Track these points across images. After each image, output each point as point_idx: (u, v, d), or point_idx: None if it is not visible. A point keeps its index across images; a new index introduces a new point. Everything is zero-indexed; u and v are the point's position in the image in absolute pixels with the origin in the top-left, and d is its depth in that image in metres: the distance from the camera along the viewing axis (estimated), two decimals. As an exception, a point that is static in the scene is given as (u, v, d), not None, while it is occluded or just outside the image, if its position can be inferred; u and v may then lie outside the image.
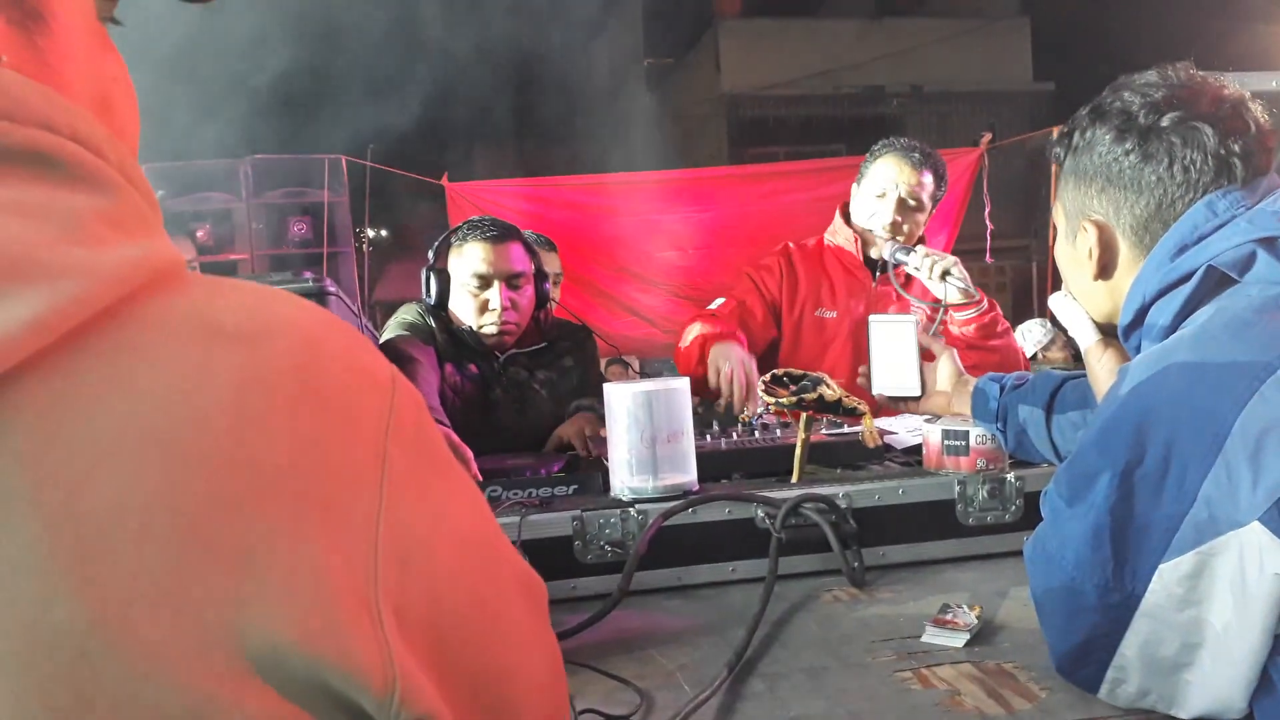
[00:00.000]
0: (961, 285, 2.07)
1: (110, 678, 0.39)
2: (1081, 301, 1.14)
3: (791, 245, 2.48)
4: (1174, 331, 0.94)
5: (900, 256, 2.18)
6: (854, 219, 2.41)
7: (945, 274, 2.07)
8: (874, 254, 2.37)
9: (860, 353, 2.33)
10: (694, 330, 2.20)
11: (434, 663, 0.47)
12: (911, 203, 2.32)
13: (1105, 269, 1.06)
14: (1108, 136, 1.05)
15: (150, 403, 0.42)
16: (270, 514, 0.42)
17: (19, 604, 0.38)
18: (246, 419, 0.43)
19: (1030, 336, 1.94)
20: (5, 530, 0.38)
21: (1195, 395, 0.82)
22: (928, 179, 2.33)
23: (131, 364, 0.42)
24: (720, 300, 2.37)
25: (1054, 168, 1.16)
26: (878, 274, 2.39)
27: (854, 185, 2.45)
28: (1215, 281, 0.93)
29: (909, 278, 2.27)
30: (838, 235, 2.44)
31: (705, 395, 1.95)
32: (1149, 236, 1.02)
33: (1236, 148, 0.98)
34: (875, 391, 1.64)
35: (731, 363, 1.92)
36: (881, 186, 2.33)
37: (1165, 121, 1.01)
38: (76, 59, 0.53)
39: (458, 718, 0.48)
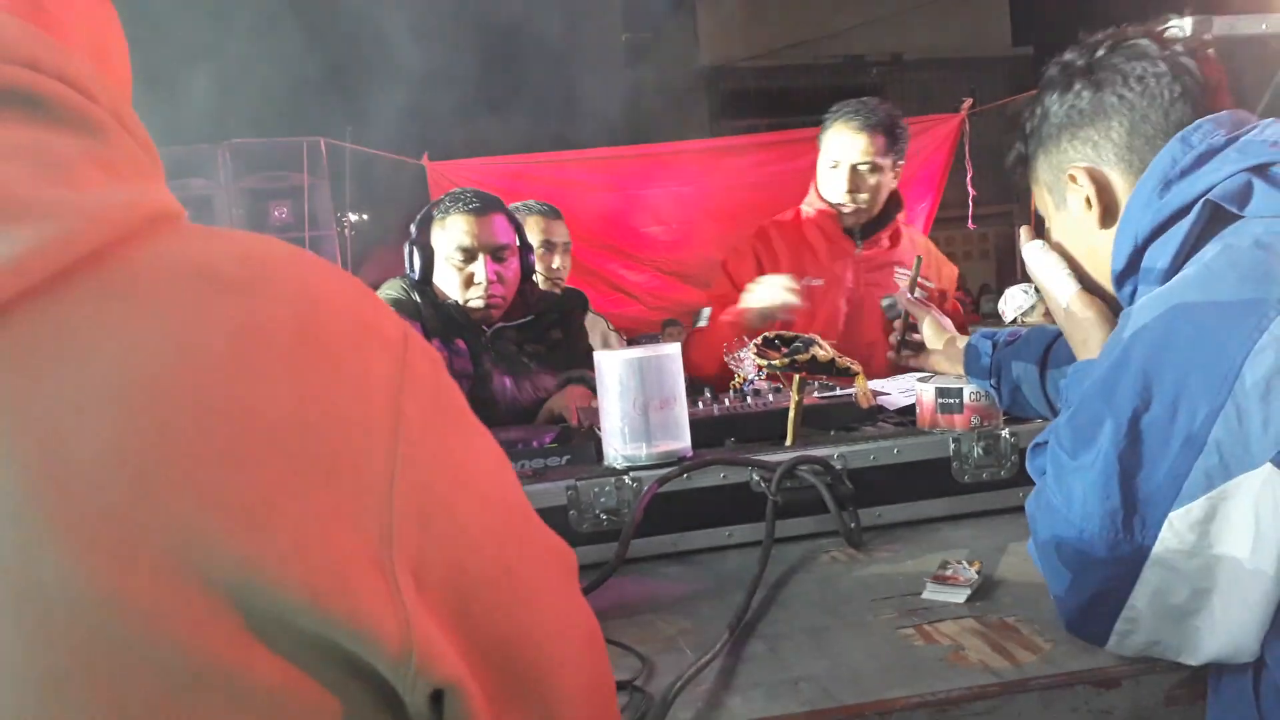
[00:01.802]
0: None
1: (108, 639, 0.36)
2: (1093, 267, 1.10)
3: (769, 225, 2.48)
4: (1176, 273, 0.91)
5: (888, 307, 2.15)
6: (821, 190, 2.41)
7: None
8: (847, 223, 2.38)
9: (851, 319, 2.33)
10: (704, 315, 2.24)
11: (457, 627, 0.45)
12: (864, 168, 2.31)
13: (1108, 211, 1.04)
14: (1055, 94, 1.07)
15: (142, 348, 0.39)
16: (274, 468, 0.40)
17: (1, 554, 0.36)
18: (244, 368, 0.41)
19: (1011, 301, 1.93)
20: None
21: (1202, 337, 0.81)
22: (879, 140, 2.30)
23: (122, 308, 0.40)
24: (708, 310, 2.33)
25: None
26: (860, 240, 2.39)
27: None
28: (1210, 215, 0.91)
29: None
30: (813, 207, 2.43)
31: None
32: (1135, 157, 1.01)
33: (1179, 48, 1.00)
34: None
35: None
36: (834, 157, 2.33)
37: (1101, 52, 1.04)
38: (72, 3, 0.51)
39: (483, 684, 0.46)
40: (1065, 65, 1.07)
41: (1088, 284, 1.11)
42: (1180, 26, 1.06)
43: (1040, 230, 1.18)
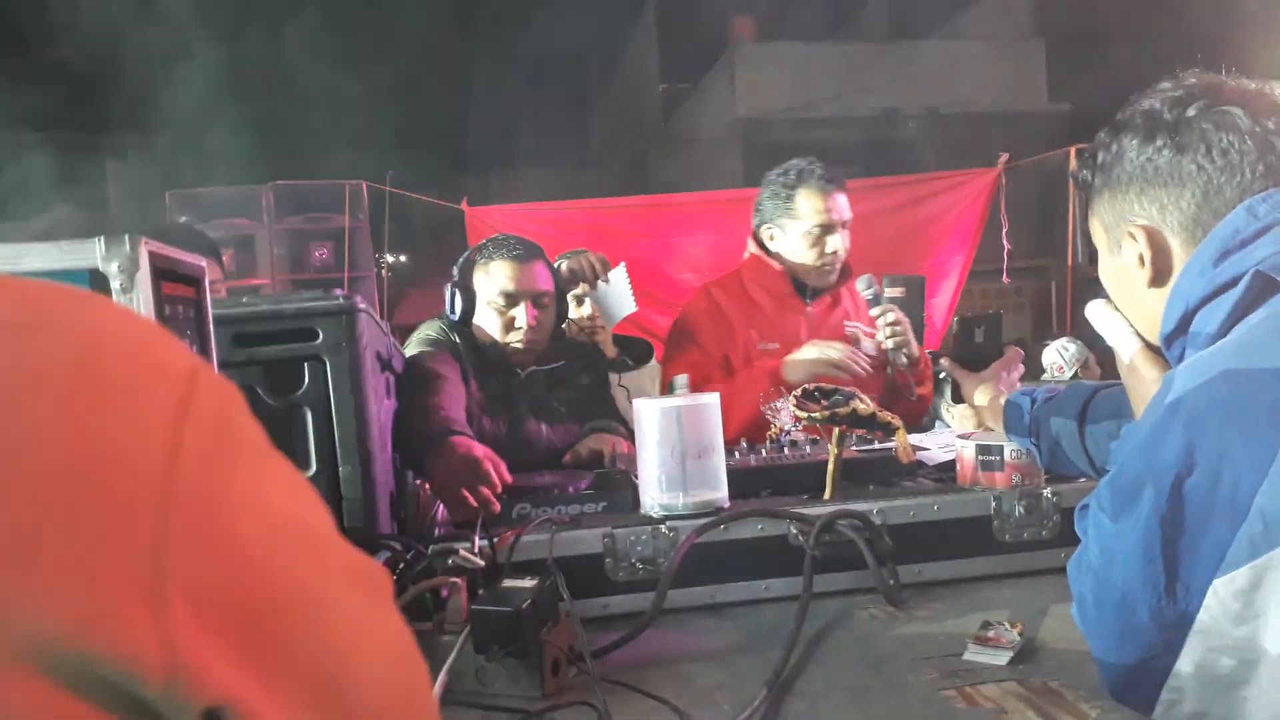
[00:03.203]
0: (902, 364, 2.17)
1: None
2: (1133, 316, 1.09)
3: (710, 285, 2.51)
4: (1222, 338, 0.91)
5: (871, 298, 2.20)
6: (783, 252, 2.40)
7: (893, 349, 2.17)
8: (806, 281, 2.39)
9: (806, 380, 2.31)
10: (681, 383, 2.23)
11: (246, 648, 0.46)
12: (839, 228, 2.35)
13: (1160, 274, 1.02)
14: (1135, 140, 1.03)
15: None
16: (39, 502, 0.41)
17: None
18: (15, 407, 0.42)
19: (1067, 355, 1.92)
20: None
21: (1247, 402, 0.80)
22: (842, 199, 2.35)
23: None
24: (684, 378, 2.34)
25: (1072, 193, 1.15)
26: (809, 298, 2.40)
27: (758, 215, 2.45)
28: (1262, 286, 0.90)
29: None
30: (760, 268, 2.43)
31: None
32: (1200, 230, 0.98)
33: (1271, 124, 0.95)
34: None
35: None
36: (809, 222, 2.34)
37: (1192, 111, 0.99)
38: None
39: (280, 703, 0.47)
40: (1151, 114, 1.02)
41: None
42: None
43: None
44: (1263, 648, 0.78)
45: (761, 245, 2.45)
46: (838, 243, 2.34)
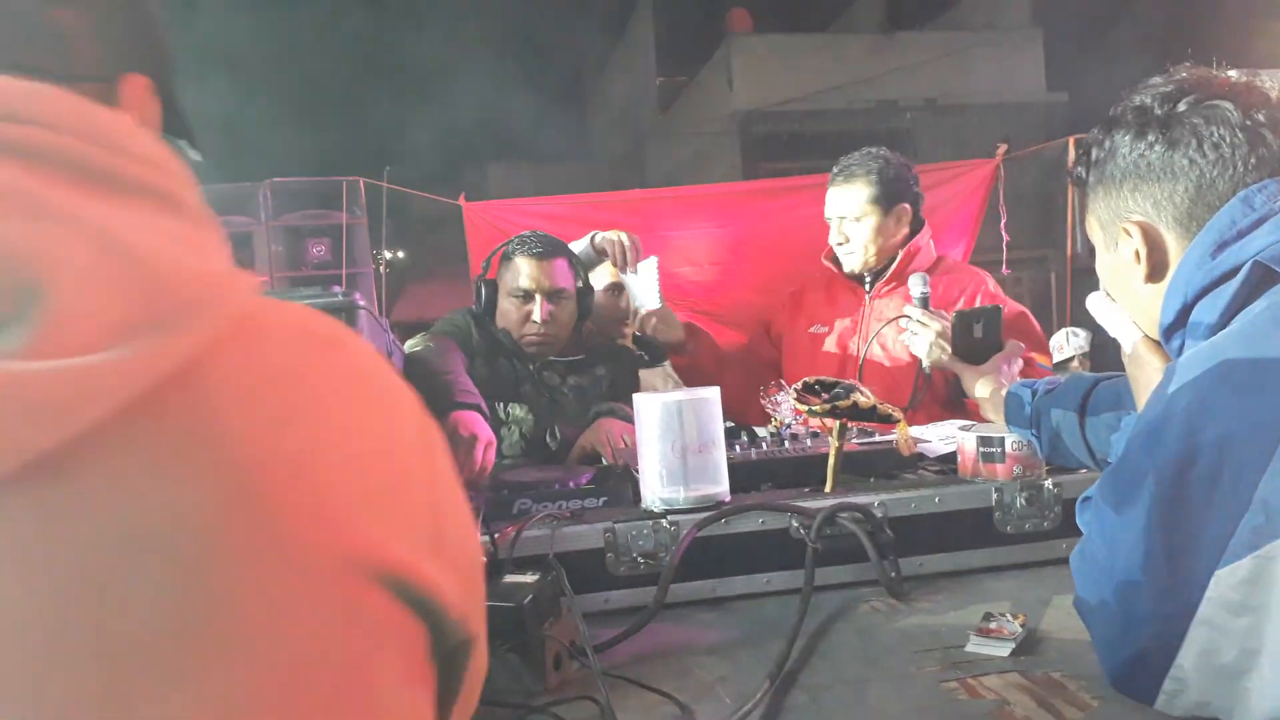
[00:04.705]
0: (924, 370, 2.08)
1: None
2: (1132, 311, 1.09)
3: (803, 283, 2.64)
4: (1223, 328, 0.91)
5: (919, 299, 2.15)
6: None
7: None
8: (848, 270, 2.47)
9: (864, 365, 2.35)
10: None
11: (471, 598, 0.56)
12: (844, 220, 2.40)
13: (1156, 269, 1.02)
14: (1127, 137, 1.03)
15: (274, 387, 0.50)
16: (373, 472, 0.51)
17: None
18: (354, 405, 0.52)
19: (1073, 342, 1.92)
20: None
21: (1248, 393, 0.80)
22: (857, 190, 2.37)
23: (262, 356, 0.51)
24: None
25: (1070, 190, 1.15)
26: (869, 285, 2.45)
27: None
28: (1260, 277, 0.90)
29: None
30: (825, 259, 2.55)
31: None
32: (1195, 224, 0.98)
33: (1262, 117, 0.96)
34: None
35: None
36: (828, 215, 2.45)
37: (1182, 106, 0.99)
38: None
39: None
40: (1142, 110, 1.03)
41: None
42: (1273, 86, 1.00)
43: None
44: (1265, 638, 0.78)
45: None
46: (835, 236, 2.42)
